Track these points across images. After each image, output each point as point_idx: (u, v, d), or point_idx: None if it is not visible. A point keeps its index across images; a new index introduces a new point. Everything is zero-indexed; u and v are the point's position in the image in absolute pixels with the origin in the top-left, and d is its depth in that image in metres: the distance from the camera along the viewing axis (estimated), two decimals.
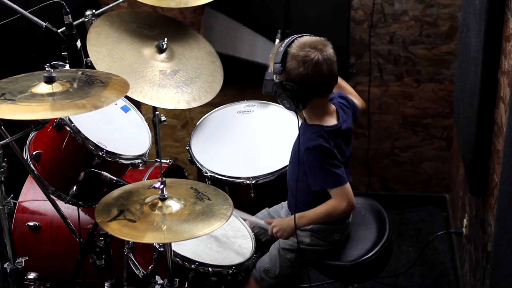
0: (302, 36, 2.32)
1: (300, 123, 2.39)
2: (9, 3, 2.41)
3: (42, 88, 2.04)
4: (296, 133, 2.56)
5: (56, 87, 2.04)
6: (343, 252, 2.50)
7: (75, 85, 2.08)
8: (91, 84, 2.09)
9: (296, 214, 2.39)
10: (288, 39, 2.31)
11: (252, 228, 2.60)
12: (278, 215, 2.61)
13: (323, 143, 2.32)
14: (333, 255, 2.49)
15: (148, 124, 2.74)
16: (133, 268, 2.46)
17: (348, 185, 2.35)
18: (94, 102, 1.99)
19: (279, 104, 2.97)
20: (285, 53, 2.27)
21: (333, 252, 2.50)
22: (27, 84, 2.06)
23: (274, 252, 2.52)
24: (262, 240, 2.61)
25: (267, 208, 2.67)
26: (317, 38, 2.33)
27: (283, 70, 2.28)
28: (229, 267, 2.37)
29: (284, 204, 2.63)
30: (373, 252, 2.49)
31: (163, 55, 2.79)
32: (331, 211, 2.36)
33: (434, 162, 3.81)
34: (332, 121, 2.39)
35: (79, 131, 2.39)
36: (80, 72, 2.21)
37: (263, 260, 2.54)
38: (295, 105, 2.31)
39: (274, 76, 2.30)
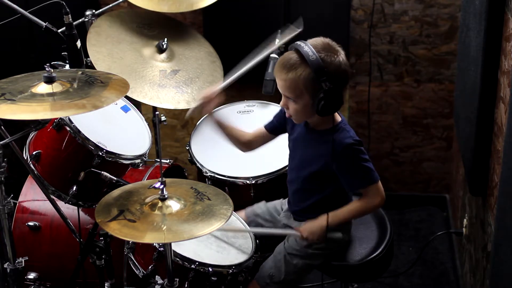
0: (304, 44, 2.25)
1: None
2: (9, 3, 2.41)
3: (42, 88, 2.04)
4: None
5: (56, 87, 2.04)
6: (348, 252, 2.49)
7: (75, 85, 2.08)
8: (91, 84, 2.09)
9: (328, 214, 2.37)
10: (305, 49, 2.21)
11: (251, 222, 2.58)
12: (277, 212, 2.60)
13: (355, 136, 2.31)
14: (338, 256, 2.48)
15: (148, 124, 2.74)
16: (133, 268, 2.46)
17: (379, 181, 2.36)
18: (94, 102, 1.99)
19: (279, 104, 2.99)
20: (319, 60, 2.20)
21: (338, 253, 2.49)
22: (27, 84, 2.06)
23: (279, 257, 2.49)
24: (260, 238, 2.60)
25: (264, 201, 2.66)
26: (321, 40, 2.29)
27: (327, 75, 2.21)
28: (229, 267, 2.37)
29: (284, 201, 2.62)
30: (380, 249, 2.48)
31: (163, 55, 2.79)
32: (365, 208, 2.37)
33: (434, 162, 3.81)
34: (337, 114, 2.38)
35: (79, 131, 2.39)
36: (80, 72, 2.20)
37: (267, 265, 2.51)
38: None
39: (323, 84, 2.20)
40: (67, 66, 2.51)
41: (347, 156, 2.30)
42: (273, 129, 2.54)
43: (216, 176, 2.70)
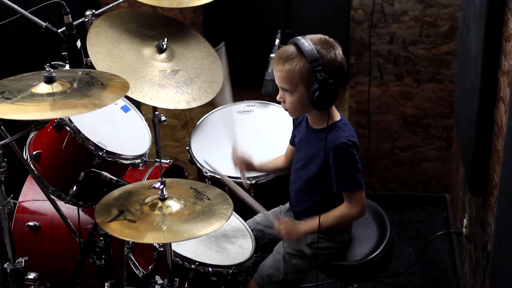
0: (302, 37, 2.27)
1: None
2: (9, 3, 2.41)
3: (42, 88, 2.03)
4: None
5: (56, 87, 2.03)
6: (348, 252, 2.49)
7: (75, 85, 2.07)
8: (90, 86, 2.08)
9: (308, 220, 2.37)
10: (302, 41, 2.24)
11: (252, 230, 2.59)
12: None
13: (351, 137, 2.29)
14: (338, 256, 2.48)
15: (148, 124, 2.74)
16: (133, 268, 2.46)
17: (364, 190, 2.34)
18: (93, 102, 1.98)
19: (279, 104, 2.99)
20: (315, 51, 2.22)
21: (338, 253, 2.48)
22: (28, 84, 2.06)
23: (278, 257, 2.48)
24: (261, 244, 2.60)
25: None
26: (318, 35, 2.30)
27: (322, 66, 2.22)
28: (229, 267, 2.37)
29: (283, 207, 2.62)
30: (380, 249, 2.48)
31: (163, 55, 2.78)
32: (344, 216, 2.35)
33: (434, 162, 3.81)
34: (337, 113, 2.37)
35: (79, 131, 2.39)
36: (80, 72, 2.20)
37: (265, 264, 2.50)
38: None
39: (318, 74, 2.21)
40: (67, 66, 2.51)
41: (336, 156, 2.28)
42: (295, 140, 2.55)
43: (216, 176, 2.70)
